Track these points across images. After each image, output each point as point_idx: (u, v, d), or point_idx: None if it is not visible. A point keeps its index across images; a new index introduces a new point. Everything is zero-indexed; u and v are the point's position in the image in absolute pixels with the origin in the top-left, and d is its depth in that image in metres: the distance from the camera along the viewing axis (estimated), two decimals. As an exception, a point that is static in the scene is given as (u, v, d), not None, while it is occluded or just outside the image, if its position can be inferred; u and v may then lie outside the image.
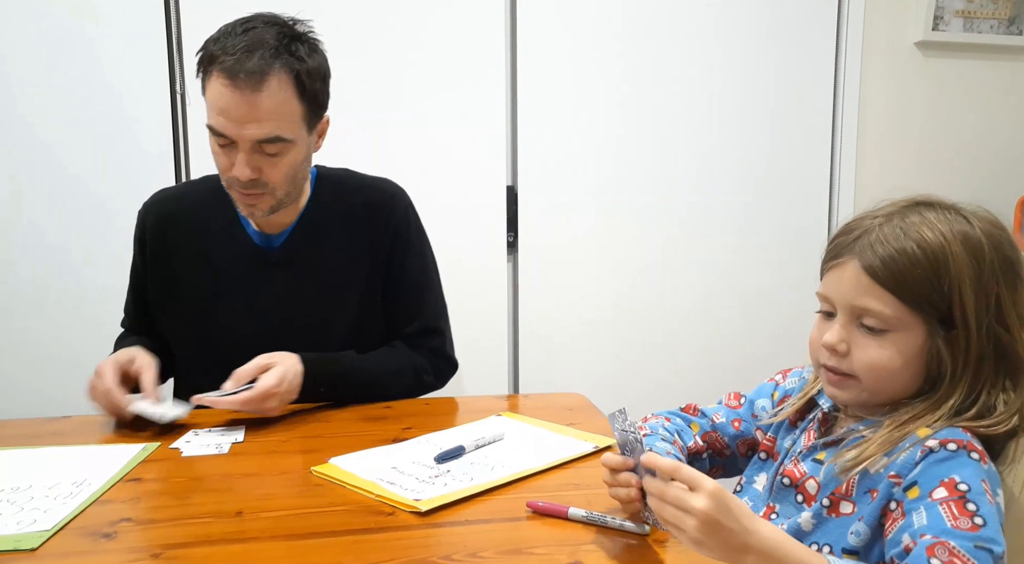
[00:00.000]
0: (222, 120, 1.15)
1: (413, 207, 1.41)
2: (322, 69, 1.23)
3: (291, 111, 1.18)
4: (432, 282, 1.42)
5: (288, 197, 1.26)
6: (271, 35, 1.15)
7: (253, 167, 1.18)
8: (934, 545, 0.69)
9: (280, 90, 1.15)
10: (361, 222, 1.34)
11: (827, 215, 2.27)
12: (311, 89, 1.19)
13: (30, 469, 1.00)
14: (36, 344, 1.90)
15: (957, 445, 0.75)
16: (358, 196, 1.36)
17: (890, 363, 0.80)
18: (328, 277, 1.32)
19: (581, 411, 1.26)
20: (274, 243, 1.32)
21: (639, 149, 2.15)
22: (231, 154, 1.18)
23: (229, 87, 1.13)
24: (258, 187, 1.20)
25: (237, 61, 1.12)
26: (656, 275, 2.19)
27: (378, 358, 1.32)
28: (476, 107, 2.04)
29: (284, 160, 1.20)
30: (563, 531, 0.82)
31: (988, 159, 2.33)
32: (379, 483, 0.93)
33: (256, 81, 1.12)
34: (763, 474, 0.95)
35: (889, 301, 0.79)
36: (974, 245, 0.78)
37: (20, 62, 1.84)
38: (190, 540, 0.80)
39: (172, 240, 1.34)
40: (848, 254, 0.82)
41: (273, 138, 1.17)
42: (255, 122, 1.14)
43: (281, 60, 1.15)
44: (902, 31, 2.24)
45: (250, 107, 1.13)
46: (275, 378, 1.15)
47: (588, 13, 2.08)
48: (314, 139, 1.28)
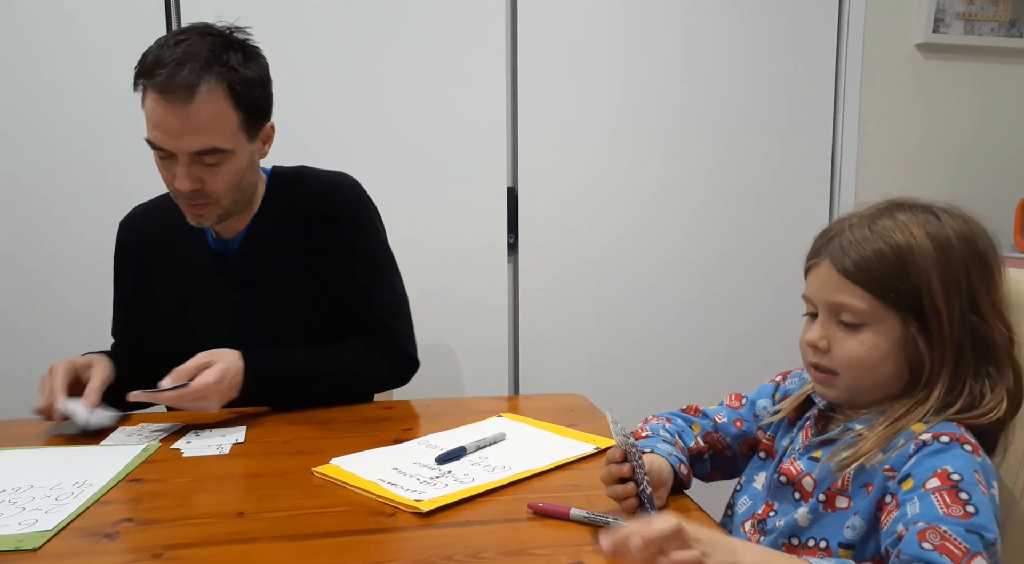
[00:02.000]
0: (158, 133, 1.16)
1: (363, 200, 1.38)
2: (258, 77, 1.22)
3: (226, 121, 1.17)
4: (382, 277, 1.39)
5: (236, 205, 1.26)
6: (203, 47, 1.15)
7: (193, 178, 1.18)
8: (926, 530, 0.70)
9: (212, 101, 1.15)
10: (310, 219, 1.33)
11: (828, 217, 2.27)
12: (246, 97, 1.19)
13: (31, 469, 1.01)
14: (38, 345, 1.90)
15: (950, 437, 0.77)
16: (307, 192, 1.35)
17: (868, 356, 0.83)
18: (282, 279, 1.32)
19: (582, 412, 1.26)
20: (231, 248, 1.33)
21: (640, 151, 2.15)
22: (172, 166, 1.19)
23: (161, 101, 1.13)
24: (201, 197, 1.21)
25: (168, 75, 1.12)
26: (657, 277, 2.19)
27: (325, 357, 1.30)
28: (476, 108, 2.04)
29: (224, 170, 1.20)
30: (564, 532, 0.82)
31: (989, 161, 2.33)
32: (380, 484, 0.93)
33: (187, 94, 1.12)
34: (763, 473, 0.96)
35: (861, 296, 0.82)
36: (941, 239, 0.82)
37: (21, 62, 1.84)
38: (191, 540, 0.80)
39: (145, 253, 1.37)
40: (823, 255, 0.86)
41: (209, 149, 1.17)
42: (189, 134, 1.15)
43: (212, 71, 1.14)
44: (903, 33, 2.24)
45: (183, 120, 1.14)
46: (214, 375, 1.15)
47: (589, 15, 2.08)
48: (258, 146, 1.27)
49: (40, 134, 1.87)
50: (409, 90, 2.01)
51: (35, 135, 1.87)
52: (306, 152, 1.81)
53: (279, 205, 1.34)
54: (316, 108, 1.97)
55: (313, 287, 1.33)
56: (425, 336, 1.96)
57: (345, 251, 1.33)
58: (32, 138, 1.87)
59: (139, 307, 1.39)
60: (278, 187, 1.35)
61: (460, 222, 2.06)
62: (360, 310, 1.35)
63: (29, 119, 1.86)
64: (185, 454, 1.06)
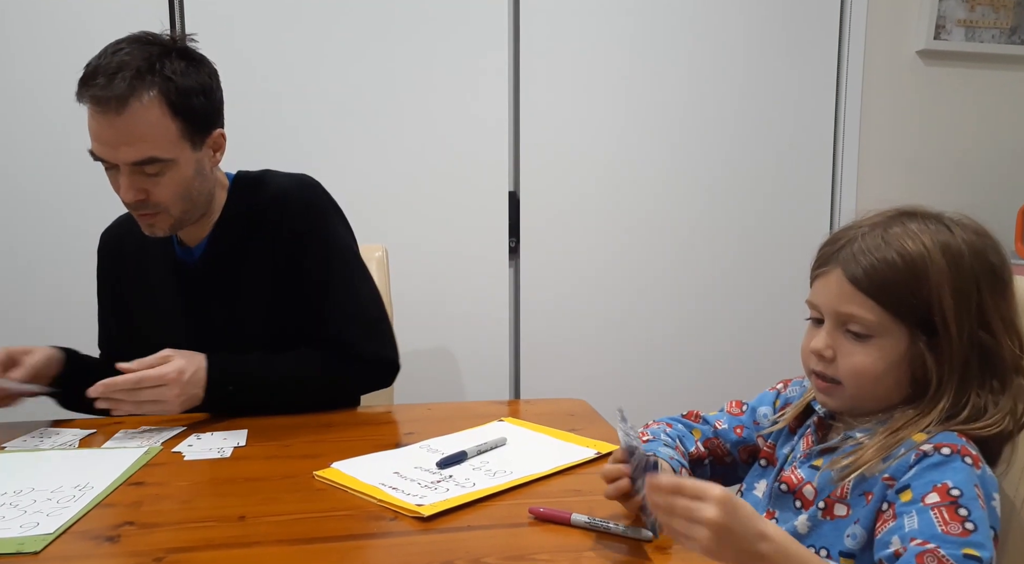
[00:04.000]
0: (98, 145, 1.15)
1: (323, 201, 1.34)
2: (199, 85, 1.19)
3: (163, 131, 1.15)
4: (341, 279, 1.32)
5: (187, 214, 1.24)
6: (138, 57, 1.14)
7: (136, 189, 1.17)
8: (923, 553, 0.70)
9: (146, 111, 1.13)
10: (270, 223, 1.30)
11: (829, 223, 2.28)
12: (185, 106, 1.17)
13: (33, 472, 1.01)
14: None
15: (951, 449, 0.77)
16: (268, 195, 1.32)
17: (873, 368, 0.82)
18: (242, 285, 1.30)
19: (583, 417, 1.26)
20: (193, 256, 1.32)
21: (641, 155, 2.15)
22: (116, 178, 1.18)
23: (96, 112, 1.13)
24: (148, 207, 1.19)
25: (102, 86, 1.11)
26: (657, 282, 2.20)
27: (287, 361, 1.26)
28: (478, 113, 2.05)
29: (167, 179, 1.18)
30: (565, 537, 0.82)
31: (990, 168, 2.34)
32: (381, 488, 0.93)
33: (119, 104, 1.11)
34: (763, 481, 0.96)
35: (871, 307, 0.81)
36: (954, 253, 0.81)
37: (22, 63, 1.84)
38: (193, 544, 0.80)
39: (119, 266, 1.38)
40: (833, 263, 0.85)
41: (147, 160, 1.15)
42: (126, 145, 1.14)
43: (145, 81, 1.13)
44: (904, 40, 2.25)
45: (118, 131, 1.13)
46: (174, 366, 1.14)
47: (592, 21, 2.08)
48: (208, 153, 1.25)
49: (41, 134, 1.87)
50: (411, 94, 2.01)
51: (35, 135, 1.87)
52: (308, 157, 1.83)
53: (240, 210, 1.31)
54: (317, 113, 1.97)
55: (273, 294, 1.30)
56: (426, 340, 1.97)
57: (300, 255, 1.29)
58: (32, 138, 1.87)
59: (115, 319, 1.41)
60: (239, 192, 1.32)
61: (462, 226, 2.06)
62: (316, 315, 1.30)
63: (29, 119, 1.86)
64: (187, 457, 1.06)
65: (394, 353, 1.33)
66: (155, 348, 1.25)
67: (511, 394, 2.15)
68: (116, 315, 1.41)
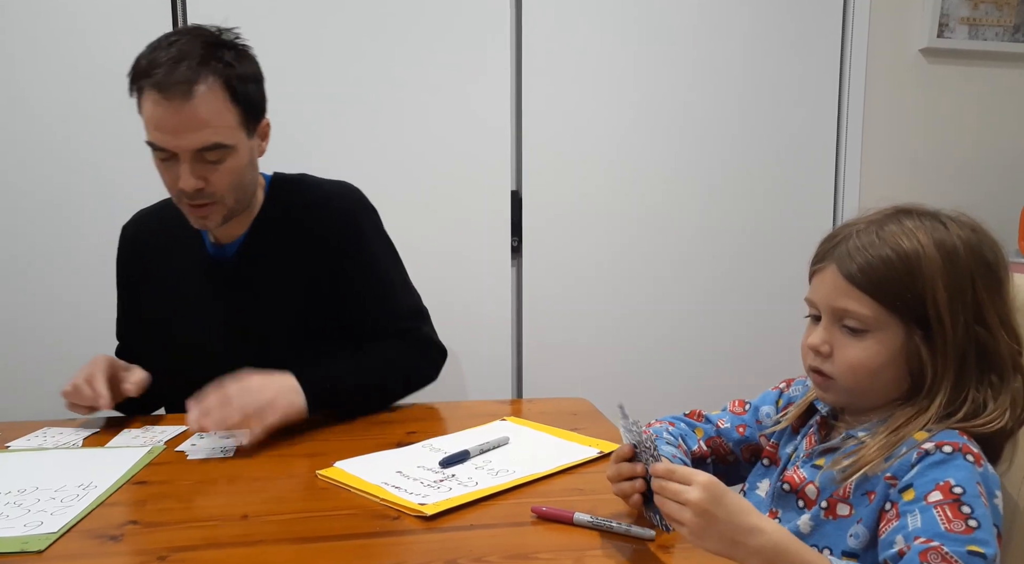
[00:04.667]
0: (159, 134, 1.15)
1: (366, 208, 1.38)
2: (252, 73, 1.23)
3: (226, 116, 1.18)
4: (396, 280, 1.39)
5: (239, 204, 1.26)
6: (196, 45, 1.16)
7: (197, 176, 1.18)
8: (927, 551, 0.70)
9: (212, 96, 1.15)
10: (310, 228, 1.32)
11: (831, 221, 2.27)
12: (243, 93, 1.20)
13: (36, 471, 1.01)
14: (42, 346, 1.91)
15: (953, 447, 0.77)
16: (310, 199, 1.34)
17: (870, 362, 0.83)
18: (278, 285, 1.31)
19: (585, 416, 1.26)
20: (228, 253, 1.33)
21: (643, 154, 2.15)
22: (174, 168, 1.18)
23: (161, 100, 1.13)
24: (205, 197, 1.20)
25: (166, 73, 1.12)
26: (660, 281, 2.19)
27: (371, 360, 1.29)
28: (481, 112, 2.04)
29: (227, 167, 1.20)
30: (568, 536, 0.82)
31: (993, 166, 2.33)
32: (384, 487, 0.93)
33: (186, 90, 1.13)
34: (766, 480, 0.96)
35: (866, 302, 0.82)
36: (948, 248, 0.81)
37: (25, 65, 1.85)
38: (196, 543, 0.80)
39: (144, 257, 1.38)
40: (828, 259, 0.86)
41: (212, 145, 1.17)
42: (191, 131, 1.15)
43: (208, 67, 1.15)
44: (907, 38, 2.24)
45: (184, 117, 1.14)
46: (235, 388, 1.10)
47: (594, 20, 2.08)
48: (256, 143, 1.27)
49: (41, 134, 1.87)
50: (413, 94, 2.01)
51: (36, 136, 1.87)
52: (309, 157, 1.82)
53: (279, 211, 1.33)
54: (319, 112, 1.97)
55: (310, 294, 1.31)
56: (428, 339, 1.97)
57: (351, 261, 1.32)
58: (33, 139, 1.87)
59: (135, 311, 1.40)
60: (278, 193, 1.35)
61: (464, 226, 2.06)
62: (385, 314, 1.34)
63: (30, 119, 1.87)
64: (190, 457, 1.07)
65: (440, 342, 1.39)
66: (181, 343, 1.29)
67: (513, 393, 2.15)
68: (134, 307, 1.40)
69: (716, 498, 0.70)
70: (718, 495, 0.70)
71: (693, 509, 0.69)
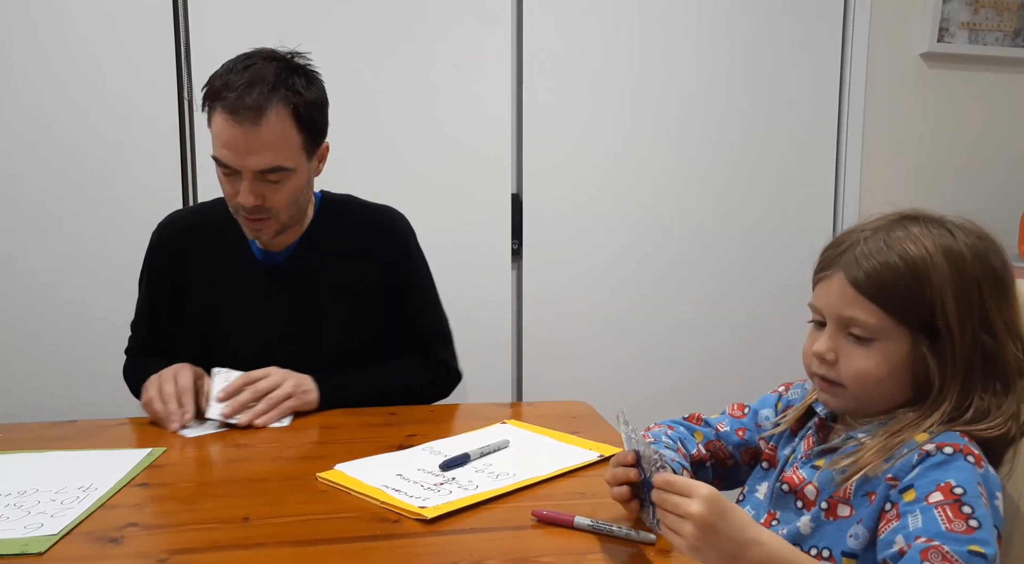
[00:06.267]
0: (226, 152, 1.21)
1: (412, 232, 1.47)
2: (319, 99, 1.28)
3: (290, 141, 1.23)
4: (430, 302, 1.47)
5: (292, 220, 1.32)
6: (270, 70, 1.21)
7: (256, 194, 1.24)
8: (928, 549, 0.70)
9: (279, 123, 1.21)
10: (361, 245, 1.39)
11: (831, 225, 2.28)
12: (308, 119, 1.25)
13: (37, 473, 1.01)
14: (44, 348, 1.91)
15: (953, 449, 0.77)
16: (359, 220, 1.42)
17: (876, 371, 0.82)
18: (323, 295, 1.37)
19: (585, 419, 1.26)
20: (276, 261, 1.37)
21: (644, 158, 2.15)
22: (235, 182, 1.24)
23: (231, 122, 1.19)
24: (262, 212, 1.26)
25: (238, 97, 1.18)
26: (660, 284, 2.20)
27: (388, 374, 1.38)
28: (481, 114, 2.05)
29: (286, 187, 1.25)
30: (568, 540, 0.82)
31: (993, 171, 2.33)
32: (385, 490, 0.93)
33: (256, 115, 1.18)
34: (765, 483, 0.96)
35: (873, 311, 0.81)
36: (955, 257, 0.81)
37: (27, 67, 1.85)
38: (197, 545, 0.80)
39: (182, 259, 1.39)
40: (835, 266, 0.85)
41: (274, 168, 1.22)
42: (256, 153, 1.20)
43: (279, 94, 1.20)
44: (907, 43, 2.25)
45: (251, 140, 1.19)
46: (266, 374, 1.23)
47: (594, 23, 2.09)
48: (314, 164, 1.33)
49: (41, 135, 1.87)
50: (413, 96, 2.01)
51: (36, 136, 1.87)
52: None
53: (329, 228, 1.39)
54: (322, 114, 1.97)
55: (351, 309, 1.37)
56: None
57: (397, 281, 1.40)
58: (33, 139, 1.87)
59: (166, 310, 1.40)
60: (328, 211, 1.41)
61: (464, 228, 2.06)
62: (413, 333, 1.42)
63: (31, 120, 1.87)
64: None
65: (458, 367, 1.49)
66: (219, 344, 1.34)
67: (513, 396, 2.15)
68: (166, 305, 1.40)
69: (719, 512, 0.69)
70: (720, 509, 0.69)
71: (695, 522, 0.69)
